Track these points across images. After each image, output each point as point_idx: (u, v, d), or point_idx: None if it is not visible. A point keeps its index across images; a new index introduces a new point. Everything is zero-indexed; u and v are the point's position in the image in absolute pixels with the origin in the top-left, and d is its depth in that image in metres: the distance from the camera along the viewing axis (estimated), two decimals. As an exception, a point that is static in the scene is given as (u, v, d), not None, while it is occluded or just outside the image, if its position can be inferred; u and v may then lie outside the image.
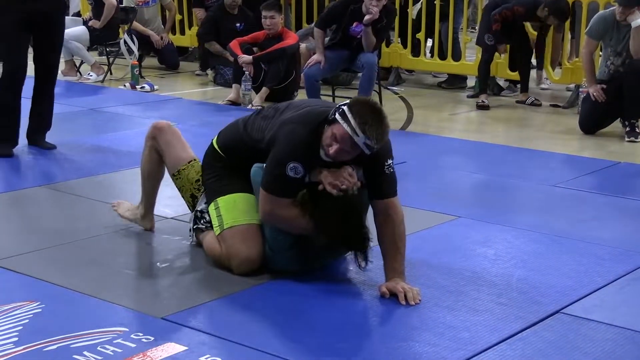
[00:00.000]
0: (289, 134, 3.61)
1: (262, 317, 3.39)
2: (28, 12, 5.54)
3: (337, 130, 3.49)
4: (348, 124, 3.45)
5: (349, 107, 3.51)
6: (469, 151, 6.56)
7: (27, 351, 3.04)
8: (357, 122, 3.45)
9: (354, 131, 3.45)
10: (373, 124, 3.46)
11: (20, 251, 4.08)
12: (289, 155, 3.57)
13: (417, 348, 3.15)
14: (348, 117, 3.46)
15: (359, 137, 3.46)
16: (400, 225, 3.69)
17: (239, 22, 9.23)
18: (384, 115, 3.53)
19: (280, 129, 3.66)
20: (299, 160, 3.56)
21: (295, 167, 3.55)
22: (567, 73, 8.61)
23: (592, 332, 3.32)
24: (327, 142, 3.54)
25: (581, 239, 4.40)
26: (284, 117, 3.72)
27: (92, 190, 5.15)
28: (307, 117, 3.64)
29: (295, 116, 3.68)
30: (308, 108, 3.72)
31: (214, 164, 3.96)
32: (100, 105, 7.99)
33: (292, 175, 3.56)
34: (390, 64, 9.71)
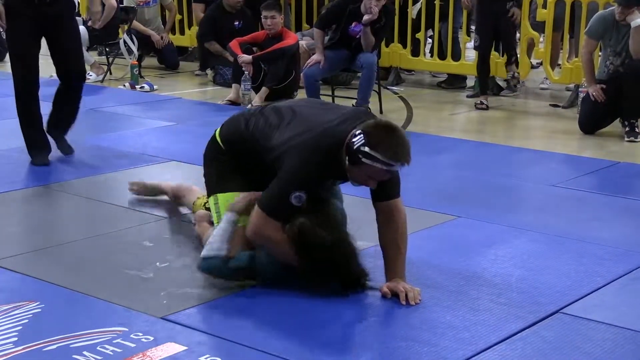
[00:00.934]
0: (298, 164, 3.57)
1: (261, 317, 3.38)
2: (40, 16, 5.32)
3: (370, 171, 3.47)
4: (379, 162, 3.43)
5: (371, 146, 3.42)
6: (468, 151, 6.56)
7: (26, 351, 3.04)
8: (387, 157, 3.42)
9: (388, 165, 3.44)
10: (400, 148, 3.45)
11: (19, 251, 4.08)
12: (297, 185, 3.55)
13: (417, 348, 3.15)
14: (376, 157, 3.42)
15: (393, 167, 3.47)
16: (403, 226, 3.68)
17: (237, 21, 9.23)
18: (400, 130, 3.53)
19: (290, 154, 3.60)
20: (305, 191, 3.56)
21: (299, 196, 3.55)
22: (567, 73, 8.61)
23: (592, 332, 3.32)
24: (361, 179, 3.55)
25: (581, 239, 4.40)
26: (292, 138, 3.64)
27: (92, 190, 5.15)
28: (318, 144, 3.57)
29: (307, 142, 3.59)
30: (319, 131, 3.62)
31: (216, 157, 3.96)
32: (100, 105, 7.98)
33: (294, 203, 3.56)
34: (390, 64, 9.71)
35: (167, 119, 7.43)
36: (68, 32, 5.47)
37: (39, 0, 5.23)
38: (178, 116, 7.57)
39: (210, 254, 3.65)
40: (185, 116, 7.57)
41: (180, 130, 6.93)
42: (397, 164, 3.46)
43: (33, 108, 5.56)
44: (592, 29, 7.17)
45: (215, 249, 3.65)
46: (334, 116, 3.70)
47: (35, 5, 5.24)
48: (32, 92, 5.50)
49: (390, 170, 3.49)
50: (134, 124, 7.24)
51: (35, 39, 5.40)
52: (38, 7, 5.25)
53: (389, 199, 3.67)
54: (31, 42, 5.36)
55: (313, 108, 3.90)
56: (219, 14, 9.35)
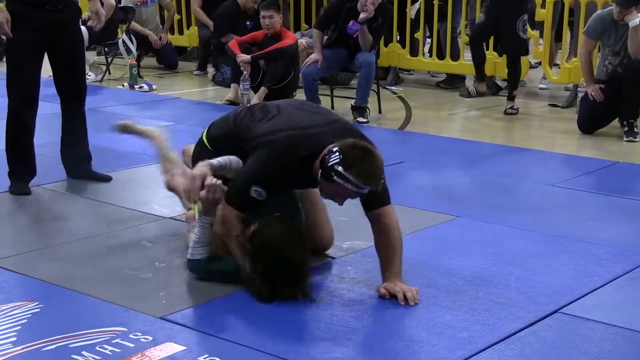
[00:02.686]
0: (265, 160, 3.60)
1: (260, 317, 3.38)
2: (45, 23, 4.96)
3: (340, 190, 3.50)
4: (351, 184, 3.44)
5: (345, 166, 3.42)
6: (467, 151, 6.56)
7: (25, 351, 3.04)
8: (359, 180, 3.43)
9: (358, 187, 3.46)
10: (373, 174, 3.47)
11: (18, 251, 4.08)
12: (257, 179, 3.59)
13: (416, 348, 3.15)
14: (349, 179, 3.43)
15: (363, 189, 3.48)
16: (396, 230, 3.68)
17: (250, 21, 9.20)
18: (376, 154, 3.51)
19: (260, 148, 3.63)
20: (264, 187, 3.58)
21: (258, 191, 3.58)
22: (566, 73, 8.61)
23: (590, 332, 3.32)
24: (330, 195, 3.58)
25: (580, 239, 4.40)
26: (269, 133, 3.66)
27: (91, 190, 5.14)
28: (291, 147, 3.59)
29: (280, 141, 3.61)
30: (296, 134, 3.63)
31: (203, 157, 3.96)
32: (99, 105, 7.97)
33: (254, 196, 3.59)
34: (389, 64, 9.71)
35: (166, 118, 7.43)
36: (72, 40, 5.16)
37: (51, 6, 4.98)
38: (177, 116, 7.57)
39: (193, 257, 3.71)
40: (184, 116, 7.57)
41: (179, 130, 6.93)
42: (367, 187, 3.47)
43: (24, 135, 5.10)
44: (590, 29, 7.17)
45: (196, 253, 3.70)
46: (318, 122, 3.72)
47: (46, 11, 4.97)
48: (26, 117, 5.07)
49: (359, 192, 3.51)
50: (133, 124, 7.23)
51: (38, 46, 5.03)
52: (49, 13, 4.98)
53: (379, 207, 3.67)
54: (32, 49, 5.00)
55: (301, 110, 3.89)
56: (235, 11, 9.30)
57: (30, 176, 5.14)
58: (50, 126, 5.94)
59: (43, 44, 5.03)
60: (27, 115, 5.06)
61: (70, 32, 5.12)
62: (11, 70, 5.03)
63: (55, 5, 4.97)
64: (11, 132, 5.10)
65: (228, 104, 8.14)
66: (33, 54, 5.00)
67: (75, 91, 5.26)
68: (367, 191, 3.49)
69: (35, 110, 5.11)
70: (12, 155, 5.12)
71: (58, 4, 4.97)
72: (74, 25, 5.17)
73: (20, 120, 5.05)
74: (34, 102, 5.08)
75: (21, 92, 5.03)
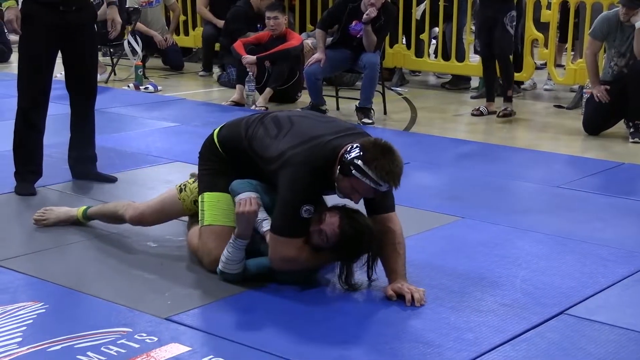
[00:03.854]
0: (297, 180, 3.58)
1: (265, 318, 3.39)
2: (59, 24, 4.91)
3: (358, 185, 3.50)
4: (369, 179, 3.46)
5: (365, 161, 3.46)
6: (472, 152, 6.56)
7: (31, 351, 3.05)
8: (377, 175, 3.45)
9: (376, 184, 3.48)
10: (391, 170, 3.48)
11: (23, 252, 4.09)
12: (302, 200, 3.57)
13: (421, 349, 3.15)
14: (367, 173, 3.45)
15: (381, 187, 3.49)
16: (400, 234, 3.69)
17: (260, 23, 9.20)
18: (396, 153, 3.54)
19: (285, 169, 3.61)
20: (311, 202, 3.58)
21: (308, 209, 3.57)
22: (571, 74, 8.60)
23: (596, 333, 3.32)
24: (347, 191, 3.58)
25: (585, 240, 4.40)
26: (288, 150, 3.65)
27: (96, 190, 5.15)
28: (311, 157, 3.59)
29: (299, 155, 3.60)
30: (313, 143, 3.63)
31: (210, 157, 3.96)
32: (104, 106, 7.97)
33: (306, 216, 3.58)
34: (394, 65, 9.71)
35: (171, 119, 7.44)
36: (86, 42, 5.10)
37: (64, 7, 4.92)
38: (182, 117, 7.57)
39: (230, 272, 3.69)
40: (189, 117, 7.57)
41: (184, 131, 6.94)
42: (385, 185, 3.49)
43: (35, 119, 5.05)
44: (596, 30, 7.17)
45: (230, 268, 3.68)
46: (330, 130, 3.72)
47: (59, 12, 4.91)
48: (36, 117, 5.04)
49: (376, 190, 3.51)
50: (138, 125, 7.25)
51: (51, 47, 5.00)
52: (62, 14, 4.91)
53: (384, 212, 3.69)
54: (45, 49, 4.96)
55: (312, 120, 3.91)
56: (250, 15, 9.28)
57: (36, 177, 5.13)
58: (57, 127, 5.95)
59: (56, 45, 5.02)
60: (36, 115, 5.05)
61: (84, 33, 5.07)
62: (23, 70, 5.01)
63: (69, 6, 4.93)
64: (19, 132, 5.09)
65: (233, 104, 8.15)
66: (46, 54, 4.99)
67: (86, 92, 5.23)
68: (385, 189, 3.51)
69: (45, 111, 5.10)
70: (19, 155, 5.12)
71: (72, 5, 4.94)
72: (88, 27, 5.11)
73: (29, 120, 5.04)
74: (44, 102, 5.06)
75: (32, 92, 5.01)
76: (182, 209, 4.10)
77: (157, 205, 4.16)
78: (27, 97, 5.01)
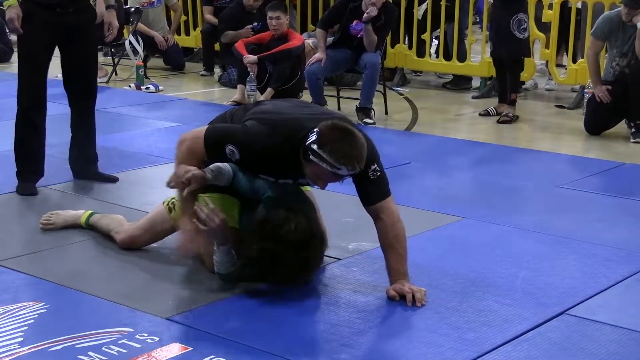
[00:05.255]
0: (253, 129, 3.56)
1: (266, 318, 3.38)
2: (58, 25, 4.89)
3: (318, 171, 3.43)
4: (325, 162, 3.38)
5: (320, 144, 3.37)
6: (474, 152, 6.56)
7: (32, 351, 3.05)
8: (333, 158, 3.36)
9: (333, 167, 3.39)
10: (349, 153, 3.38)
11: (25, 251, 4.09)
12: (237, 140, 3.54)
13: (422, 349, 3.15)
14: (323, 156, 3.37)
15: (340, 171, 3.40)
16: (394, 225, 3.62)
17: (257, 22, 9.21)
18: (356, 136, 3.43)
19: (249, 120, 3.62)
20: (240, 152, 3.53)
21: (233, 151, 3.54)
22: (572, 74, 8.60)
23: (597, 334, 3.32)
24: (311, 178, 3.53)
25: (586, 240, 4.39)
26: (259, 112, 3.67)
27: (96, 190, 5.15)
28: (278, 126, 3.56)
29: (270, 119, 3.60)
30: (286, 117, 3.62)
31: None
32: (105, 106, 7.97)
33: (226, 152, 3.56)
34: (396, 65, 9.71)
35: (173, 119, 7.44)
36: (84, 45, 5.06)
37: (62, 9, 4.89)
38: (183, 117, 7.58)
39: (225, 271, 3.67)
40: (190, 117, 7.57)
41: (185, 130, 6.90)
42: (343, 168, 3.39)
43: (36, 119, 5.04)
44: (598, 30, 7.16)
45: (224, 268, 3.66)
46: (308, 113, 3.70)
47: (57, 13, 4.88)
48: (36, 116, 5.04)
49: (336, 174, 3.42)
50: (139, 125, 7.25)
51: (49, 46, 5.00)
52: (60, 15, 4.88)
53: (374, 203, 3.62)
54: (44, 48, 4.95)
55: (294, 106, 3.88)
56: (240, 12, 9.32)
57: (37, 176, 5.13)
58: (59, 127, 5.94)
59: (53, 45, 5.02)
60: (36, 115, 5.05)
61: (83, 35, 5.03)
62: (23, 69, 5.01)
63: (66, 7, 4.91)
64: (20, 132, 5.09)
65: (234, 104, 8.12)
66: (44, 54, 4.98)
67: (86, 93, 5.21)
68: (345, 173, 3.41)
69: (45, 110, 5.09)
70: (20, 155, 5.12)
71: (69, 6, 4.91)
72: (86, 29, 5.05)
73: (30, 120, 5.04)
74: (44, 102, 5.06)
75: (32, 91, 5.01)
76: (173, 228, 3.96)
77: (148, 226, 4.07)
78: (27, 97, 5.00)
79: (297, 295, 3.59)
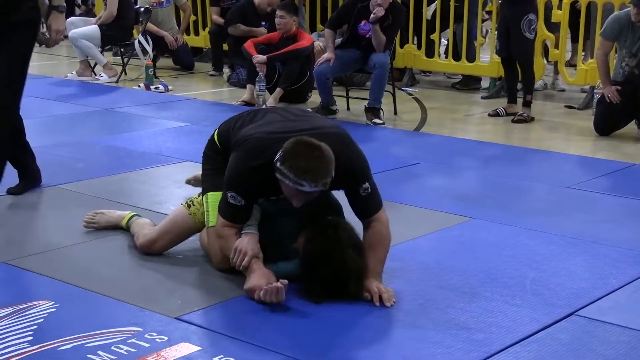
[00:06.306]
0: (234, 163, 3.62)
1: (275, 318, 3.38)
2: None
3: (284, 187, 3.45)
4: (287, 178, 3.39)
5: (282, 161, 3.39)
6: (482, 152, 6.55)
7: (41, 350, 3.06)
8: (293, 175, 3.36)
9: (296, 183, 3.39)
10: (310, 168, 3.36)
11: (34, 251, 4.10)
12: (230, 185, 3.60)
13: (431, 349, 3.14)
14: (284, 173, 3.39)
15: (303, 187, 3.39)
16: (382, 232, 3.65)
17: (265, 21, 9.21)
18: (321, 150, 3.40)
19: (232, 151, 3.67)
20: (237, 192, 3.57)
21: (234, 196, 3.57)
22: (582, 74, 8.58)
23: (606, 335, 3.31)
24: (285, 194, 3.52)
25: (595, 241, 4.39)
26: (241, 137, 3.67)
27: (106, 190, 5.16)
28: (253, 150, 3.57)
29: (245, 144, 3.62)
30: (261, 136, 3.61)
31: (212, 156, 3.97)
32: (115, 106, 8.01)
33: (231, 202, 3.58)
34: (405, 65, 9.71)
35: (182, 119, 7.45)
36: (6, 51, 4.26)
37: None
38: (192, 117, 7.59)
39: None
40: (199, 117, 7.58)
41: (194, 130, 6.95)
42: (305, 184, 3.38)
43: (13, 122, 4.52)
44: (607, 30, 7.15)
45: None
46: (295, 128, 3.65)
47: None
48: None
49: (300, 190, 3.41)
50: (148, 125, 7.26)
51: None
52: None
53: (367, 217, 3.65)
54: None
55: (286, 117, 3.83)
56: (250, 9, 9.33)
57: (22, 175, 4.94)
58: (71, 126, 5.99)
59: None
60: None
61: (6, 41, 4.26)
62: None
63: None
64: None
65: (244, 104, 8.15)
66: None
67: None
68: (308, 190, 3.39)
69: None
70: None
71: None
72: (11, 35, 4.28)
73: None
74: None
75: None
76: (195, 225, 3.98)
77: (167, 227, 4.04)
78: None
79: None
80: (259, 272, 3.53)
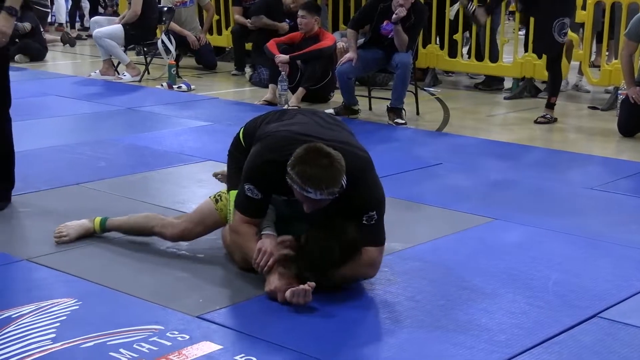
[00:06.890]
0: (253, 157, 3.62)
1: (296, 317, 3.38)
2: None
3: (295, 192, 3.45)
4: (295, 184, 3.39)
5: (292, 166, 3.39)
6: (505, 153, 6.53)
7: (64, 347, 3.07)
8: (301, 181, 3.36)
9: (301, 188, 3.39)
10: (316, 176, 3.35)
11: (57, 249, 4.12)
12: (248, 177, 3.59)
13: (453, 350, 3.13)
14: (294, 179, 3.39)
15: (310, 194, 3.39)
16: (364, 267, 3.58)
17: (290, 19, 9.22)
18: (333, 161, 3.38)
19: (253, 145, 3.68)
20: (255, 185, 3.56)
21: (251, 189, 3.57)
22: (606, 75, 8.54)
23: (630, 337, 3.29)
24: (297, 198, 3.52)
25: (619, 242, 4.36)
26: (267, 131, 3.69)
27: (128, 188, 5.18)
28: (275, 146, 3.57)
29: (268, 138, 3.63)
30: (287, 135, 3.61)
31: (236, 155, 3.96)
32: (137, 105, 8.05)
33: (249, 195, 3.58)
34: (427, 65, 9.69)
35: (204, 118, 7.47)
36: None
37: None
38: (215, 116, 7.60)
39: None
40: (222, 116, 7.60)
41: (217, 130, 6.96)
42: (312, 191, 3.37)
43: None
44: (631, 31, 7.11)
45: None
46: (322, 135, 3.62)
47: None
48: None
49: (307, 197, 3.40)
50: (171, 124, 7.28)
51: None
52: None
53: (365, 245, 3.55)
54: None
55: (317, 122, 3.80)
56: (274, 6, 9.35)
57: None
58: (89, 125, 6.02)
59: None
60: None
61: None
62: None
63: None
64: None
65: (266, 104, 8.16)
66: None
67: None
68: (315, 197, 3.38)
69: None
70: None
71: None
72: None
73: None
74: None
75: None
76: (221, 220, 3.99)
77: (198, 218, 4.05)
78: None
79: (327, 295, 3.58)
80: (279, 273, 3.53)
